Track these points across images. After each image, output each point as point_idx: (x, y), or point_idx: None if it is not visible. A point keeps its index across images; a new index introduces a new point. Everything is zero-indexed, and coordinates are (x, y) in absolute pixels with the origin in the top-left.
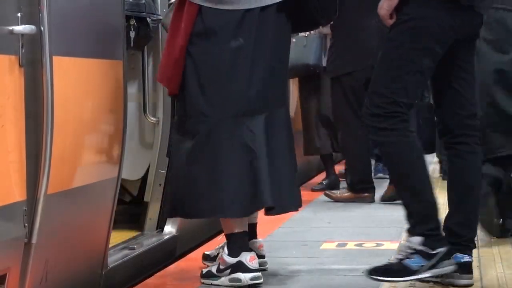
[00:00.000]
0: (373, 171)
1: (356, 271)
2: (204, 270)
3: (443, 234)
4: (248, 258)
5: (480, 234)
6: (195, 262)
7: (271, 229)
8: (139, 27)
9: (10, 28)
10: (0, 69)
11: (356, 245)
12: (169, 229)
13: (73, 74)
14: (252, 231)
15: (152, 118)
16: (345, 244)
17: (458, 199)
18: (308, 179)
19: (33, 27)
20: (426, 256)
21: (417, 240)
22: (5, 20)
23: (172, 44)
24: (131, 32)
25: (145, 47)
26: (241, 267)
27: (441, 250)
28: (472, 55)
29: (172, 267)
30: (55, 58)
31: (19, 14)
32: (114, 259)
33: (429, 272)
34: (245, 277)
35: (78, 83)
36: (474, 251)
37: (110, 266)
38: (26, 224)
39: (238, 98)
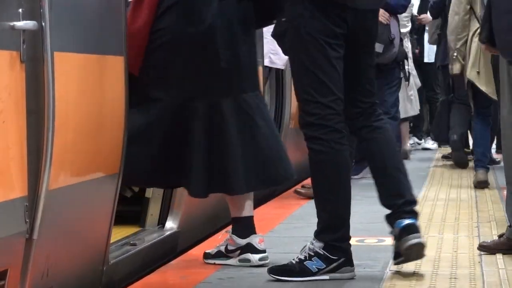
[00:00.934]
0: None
1: (358, 266)
2: (214, 250)
3: (348, 244)
4: (257, 240)
5: (482, 231)
6: (196, 258)
7: (273, 225)
8: None
9: (11, 23)
10: (1, 65)
11: (357, 241)
12: (171, 225)
13: (74, 70)
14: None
15: None
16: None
17: (378, 176)
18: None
19: (34, 22)
20: (326, 260)
21: (319, 244)
22: (6, 16)
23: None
24: None
25: None
26: (250, 248)
27: (342, 258)
28: (360, 50)
29: (173, 263)
30: (56, 54)
31: (20, 10)
32: (115, 255)
33: (327, 275)
34: (254, 257)
35: (79, 78)
36: (476, 248)
37: (111, 262)
38: (27, 220)
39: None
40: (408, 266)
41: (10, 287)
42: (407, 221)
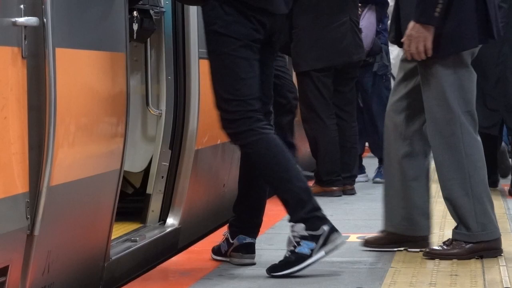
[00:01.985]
0: (375, 172)
1: (358, 263)
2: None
3: (322, 212)
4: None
5: None
6: (197, 254)
7: (273, 221)
8: (142, 19)
9: (13, 19)
10: (3, 61)
11: (358, 237)
12: (172, 221)
13: (76, 66)
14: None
15: (155, 111)
16: (347, 237)
17: (245, 187)
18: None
19: (36, 19)
20: (312, 238)
21: (300, 227)
22: (8, 11)
23: None
24: (134, 24)
25: (148, 39)
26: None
27: (325, 228)
28: (271, 58)
29: (174, 259)
30: (57, 50)
31: (22, 6)
32: (116, 251)
33: (322, 251)
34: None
35: (80, 75)
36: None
37: (112, 258)
38: (29, 216)
39: None
40: (409, 263)
41: (11, 283)
42: (249, 240)
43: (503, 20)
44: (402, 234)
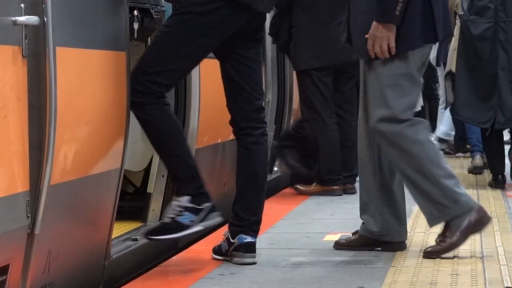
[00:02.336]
0: None
1: (359, 262)
2: None
3: (207, 191)
4: None
5: None
6: (198, 254)
7: (274, 221)
8: (142, 19)
9: (13, 18)
10: (3, 60)
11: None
12: None
13: (76, 65)
14: None
15: None
16: (348, 236)
17: (243, 185)
18: None
19: (36, 17)
20: (195, 211)
21: (185, 199)
22: (8, 10)
23: None
24: (134, 24)
25: (149, 38)
26: None
27: (207, 204)
28: (256, 53)
29: (175, 259)
30: (58, 49)
31: (22, 5)
32: (116, 250)
33: (200, 225)
34: None
35: (81, 74)
36: (477, 244)
37: (113, 257)
38: (29, 215)
39: None
40: (410, 262)
41: (11, 282)
42: (250, 239)
43: (491, 20)
44: (377, 239)
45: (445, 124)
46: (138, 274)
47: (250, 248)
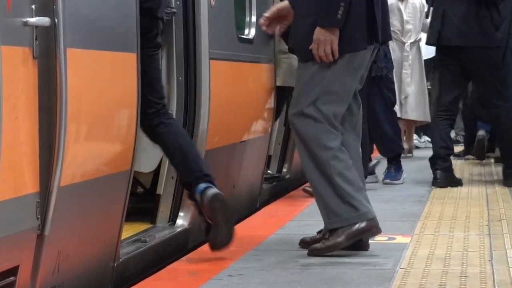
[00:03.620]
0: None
1: (368, 264)
2: None
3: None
4: None
5: (492, 229)
6: (207, 255)
7: (282, 222)
8: None
9: (24, 20)
10: (14, 61)
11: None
12: (181, 222)
13: (87, 66)
14: None
15: None
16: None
17: (180, 155)
18: None
19: (47, 19)
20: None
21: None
22: (19, 12)
23: None
24: None
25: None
26: None
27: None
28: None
29: (184, 260)
30: (69, 50)
31: (33, 6)
32: (126, 251)
33: None
34: None
35: (91, 75)
36: (486, 246)
37: (122, 259)
38: (39, 216)
39: None
40: (419, 264)
41: (20, 283)
42: (204, 185)
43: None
44: None
45: None
46: (147, 275)
47: (209, 188)
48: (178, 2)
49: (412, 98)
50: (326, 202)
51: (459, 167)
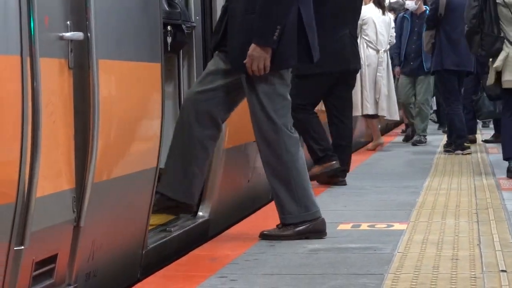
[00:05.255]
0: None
1: (369, 249)
2: None
3: None
4: None
5: (480, 217)
6: (225, 242)
7: None
8: (175, 33)
9: (60, 34)
10: (51, 71)
11: (369, 226)
12: (203, 213)
13: (117, 76)
14: None
15: None
16: (359, 225)
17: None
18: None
19: (81, 33)
20: None
21: None
22: (56, 27)
23: None
24: (168, 38)
25: (180, 50)
26: None
27: None
28: None
29: (204, 247)
30: (100, 61)
31: (68, 22)
32: (153, 240)
33: None
34: None
35: (121, 83)
36: (475, 232)
37: (150, 247)
38: (75, 210)
39: None
40: (414, 249)
41: (59, 270)
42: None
43: None
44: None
45: None
46: (172, 261)
47: None
48: (197, 17)
49: (384, 98)
50: (282, 200)
51: (450, 161)
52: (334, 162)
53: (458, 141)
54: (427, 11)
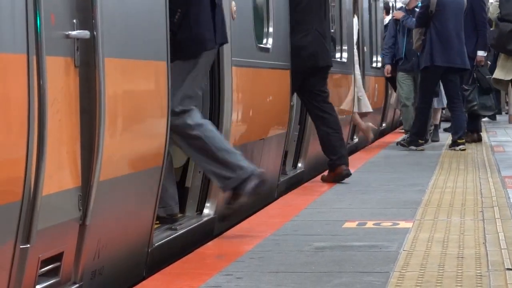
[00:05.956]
0: None
1: (375, 247)
2: None
3: None
4: None
5: (486, 215)
6: (231, 240)
7: (298, 210)
8: None
9: (67, 33)
10: (57, 70)
11: (374, 224)
12: (208, 211)
13: (123, 74)
14: None
15: None
16: (364, 224)
17: None
18: None
19: (87, 32)
20: None
21: None
22: (62, 26)
23: None
24: None
25: None
26: None
27: None
28: None
29: (210, 245)
30: (106, 59)
31: (74, 21)
32: (158, 238)
33: None
34: None
35: (126, 81)
36: (481, 230)
37: (155, 245)
38: (81, 208)
39: None
40: (420, 247)
41: (65, 268)
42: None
43: None
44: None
45: None
46: (178, 259)
47: None
48: None
49: (363, 93)
50: (215, 172)
51: (455, 159)
52: (344, 167)
53: (413, 137)
54: (419, 3)
